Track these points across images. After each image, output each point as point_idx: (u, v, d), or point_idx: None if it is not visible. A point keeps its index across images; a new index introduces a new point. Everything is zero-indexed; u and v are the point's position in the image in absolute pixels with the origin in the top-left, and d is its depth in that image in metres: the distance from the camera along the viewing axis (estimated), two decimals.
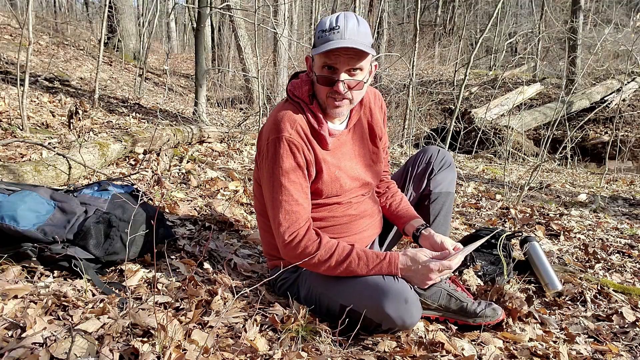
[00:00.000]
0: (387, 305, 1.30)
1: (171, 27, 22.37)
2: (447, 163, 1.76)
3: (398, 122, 8.26)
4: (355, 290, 1.36)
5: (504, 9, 17.78)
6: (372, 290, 1.34)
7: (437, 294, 1.48)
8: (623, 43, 7.82)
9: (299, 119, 1.43)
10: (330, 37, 1.34)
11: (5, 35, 7.87)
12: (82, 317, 1.20)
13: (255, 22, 4.52)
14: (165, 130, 3.48)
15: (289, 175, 1.41)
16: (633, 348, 1.51)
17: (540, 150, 5.47)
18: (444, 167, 1.75)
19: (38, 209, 1.47)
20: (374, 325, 1.36)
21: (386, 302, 1.30)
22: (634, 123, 10.20)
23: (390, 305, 1.30)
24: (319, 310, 1.45)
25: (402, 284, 1.35)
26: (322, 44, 1.34)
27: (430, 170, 1.75)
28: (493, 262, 1.94)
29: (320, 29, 1.36)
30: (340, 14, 1.38)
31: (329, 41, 1.33)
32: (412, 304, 1.32)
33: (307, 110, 1.44)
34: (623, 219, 3.40)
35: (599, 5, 21.37)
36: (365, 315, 1.31)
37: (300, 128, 1.42)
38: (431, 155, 1.76)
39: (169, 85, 8.10)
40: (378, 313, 1.31)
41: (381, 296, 1.31)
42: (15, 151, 2.71)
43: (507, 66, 12.84)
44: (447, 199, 1.74)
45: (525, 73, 13.66)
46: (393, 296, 1.31)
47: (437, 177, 1.73)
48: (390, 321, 1.31)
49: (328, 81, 1.39)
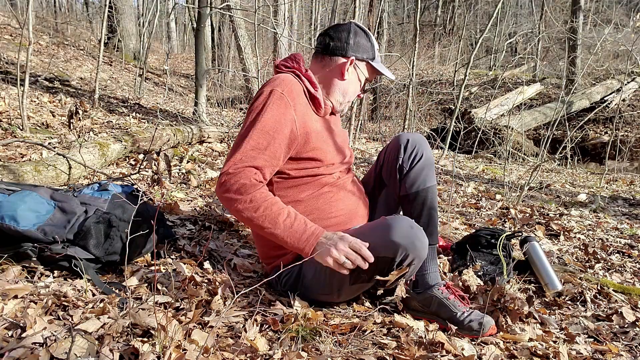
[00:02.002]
0: (395, 234, 1.33)
1: (171, 27, 22.37)
2: (419, 154, 1.60)
3: (398, 122, 8.27)
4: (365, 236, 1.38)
5: (504, 9, 17.78)
6: (377, 230, 1.39)
7: (428, 299, 1.53)
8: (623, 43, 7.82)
9: (295, 82, 1.52)
10: (379, 59, 1.64)
11: (5, 35, 7.87)
12: (82, 317, 1.20)
13: (255, 22, 4.52)
14: (165, 130, 3.48)
15: (265, 126, 1.42)
16: (633, 348, 1.51)
17: (540, 150, 5.47)
18: (415, 160, 1.60)
19: (38, 209, 1.47)
20: (388, 263, 1.35)
21: (393, 232, 1.34)
22: (634, 123, 10.20)
23: (398, 233, 1.33)
24: (329, 285, 1.46)
25: (400, 216, 1.43)
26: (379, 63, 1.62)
27: (399, 168, 1.62)
28: (493, 262, 1.94)
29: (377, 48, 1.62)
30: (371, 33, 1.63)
31: (381, 64, 1.63)
32: (418, 229, 1.37)
33: (303, 76, 1.55)
34: (623, 219, 3.40)
35: (599, 5, 21.37)
36: (378, 255, 1.33)
37: (295, 89, 1.49)
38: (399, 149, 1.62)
39: (169, 85, 8.10)
40: (389, 246, 1.33)
41: (387, 229, 1.35)
42: (15, 151, 2.71)
43: (507, 66, 12.84)
44: (427, 195, 1.60)
45: (525, 73, 13.66)
46: (398, 225, 1.35)
47: (410, 175, 1.60)
48: (402, 249, 1.32)
49: (364, 90, 1.68)
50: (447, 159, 5.80)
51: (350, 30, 1.57)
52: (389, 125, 8.62)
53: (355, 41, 1.57)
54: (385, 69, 1.63)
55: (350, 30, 1.57)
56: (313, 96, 1.55)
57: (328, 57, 1.58)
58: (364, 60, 1.59)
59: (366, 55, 1.59)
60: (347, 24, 1.60)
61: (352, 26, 1.59)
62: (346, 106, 1.67)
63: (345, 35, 1.57)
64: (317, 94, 1.55)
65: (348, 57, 1.56)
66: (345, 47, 1.56)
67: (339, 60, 1.57)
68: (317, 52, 1.61)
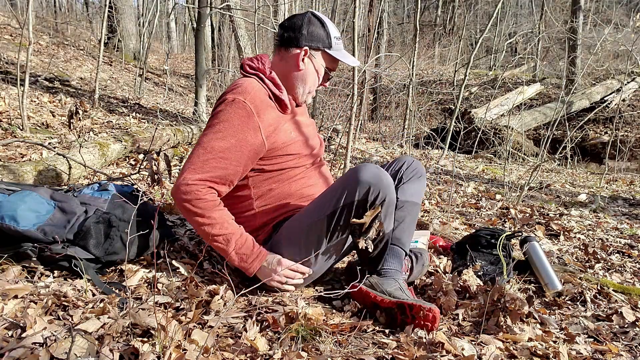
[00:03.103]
0: (363, 175, 1.42)
1: (171, 27, 22.36)
2: (418, 174, 1.76)
3: (398, 122, 8.27)
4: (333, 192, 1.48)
5: (504, 9, 17.78)
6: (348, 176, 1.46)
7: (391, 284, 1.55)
8: (623, 43, 7.82)
9: (258, 87, 1.53)
10: (340, 46, 1.62)
11: (5, 35, 7.87)
12: (82, 317, 1.20)
13: (255, 22, 4.52)
14: (165, 130, 3.48)
15: (226, 136, 1.45)
16: (633, 348, 1.51)
17: (540, 150, 5.47)
18: (414, 177, 1.74)
19: (38, 209, 1.47)
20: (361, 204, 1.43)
21: (361, 173, 1.43)
22: (634, 123, 10.20)
23: (366, 173, 1.42)
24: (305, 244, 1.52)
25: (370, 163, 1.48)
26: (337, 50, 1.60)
27: (399, 178, 1.74)
28: (493, 262, 1.94)
29: (335, 36, 1.59)
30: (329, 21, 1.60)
31: (341, 51, 1.61)
32: (384, 172, 1.46)
33: (266, 79, 1.56)
34: (623, 219, 3.40)
35: (599, 5, 21.37)
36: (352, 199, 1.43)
37: (258, 96, 1.50)
38: (403, 164, 1.77)
39: (169, 85, 8.10)
40: (359, 186, 1.42)
41: (356, 172, 1.44)
42: (15, 151, 2.71)
43: (507, 66, 12.84)
44: (413, 209, 1.71)
45: (525, 73, 13.66)
46: (365, 168, 1.44)
47: (405, 186, 1.73)
48: (372, 186, 1.42)
49: (327, 78, 1.67)
50: (447, 159, 5.80)
51: (304, 21, 1.56)
52: (389, 125, 8.62)
53: (308, 30, 1.55)
54: (346, 56, 1.62)
55: (304, 20, 1.56)
56: (278, 98, 1.56)
57: (284, 50, 1.60)
58: (319, 49, 1.58)
59: (321, 44, 1.57)
60: (303, 14, 1.59)
61: (307, 16, 1.57)
62: (308, 97, 1.67)
63: (299, 25, 1.56)
64: (281, 96, 1.56)
65: (301, 48, 1.56)
66: (299, 38, 1.55)
67: (294, 51, 1.58)
68: (275, 45, 1.64)
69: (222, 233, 1.47)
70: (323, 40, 1.57)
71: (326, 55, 1.60)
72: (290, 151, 1.59)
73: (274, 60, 1.63)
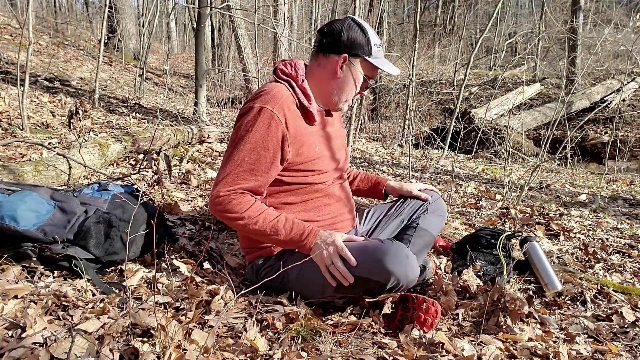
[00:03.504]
0: (389, 262, 1.35)
1: (171, 27, 22.36)
2: (441, 212, 1.83)
3: (398, 122, 8.27)
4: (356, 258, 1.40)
5: (504, 9, 17.78)
6: (372, 252, 1.39)
7: None
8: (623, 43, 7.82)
9: (287, 96, 1.48)
10: (381, 54, 1.55)
11: (5, 35, 7.87)
12: (82, 317, 1.20)
13: (255, 22, 4.52)
14: (165, 130, 3.48)
15: (256, 147, 1.43)
16: (633, 348, 1.51)
17: (540, 150, 5.47)
18: (437, 213, 1.82)
19: (38, 209, 1.47)
20: (378, 286, 1.39)
21: (388, 259, 1.36)
22: (634, 123, 10.20)
23: (393, 261, 1.36)
24: (311, 290, 1.48)
25: (398, 243, 1.42)
26: (377, 58, 1.53)
27: (424, 209, 1.81)
28: (493, 262, 1.94)
29: (375, 43, 1.52)
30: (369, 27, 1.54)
31: (381, 59, 1.54)
32: (412, 259, 1.40)
33: (297, 87, 1.52)
34: (623, 219, 3.40)
35: (599, 5, 21.36)
36: (370, 277, 1.37)
37: (286, 104, 1.46)
38: (432, 197, 1.85)
39: (169, 85, 8.10)
40: (382, 272, 1.36)
41: (383, 255, 1.36)
42: (15, 151, 2.71)
43: (507, 66, 12.84)
44: (429, 239, 1.77)
45: (525, 73, 13.66)
46: (394, 253, 1.37)
47: (428, 217, 1.78)
48: (394, 277, 1.36)
49: (365, 87, 1.60)
50: (447, 159, 5.80)
51: (343, 26, 1.50)
52: (389, 125, 8.62)
53: (348, 37, 1.49)
54: (387, 64, 1.56)
55: (344, 26, 1.50)
56: (306, 109, 1.52)
57: (322, 56, 1.53)
58: (359, 56, 1.51)
59: (361, 52, 1.50)
60: (343, 19, 1.53)
61: (347, 22, 1.51)
62: (345, 105, 1.62)
63: (338, 31, 1.50)
64: (310, 107, 1.52)
65: (340, 55, 1.50)
66: (338, 44, 1.49)
67: (332, 58, 1.51)
68: (314, 50, 1.58)
69: (267, 226, 1.44)
70: (363, 48, 1.50)
71: (366, 62, 1.52)
72: (313, 167, 1.55)
73: (311, 66, 1.57)
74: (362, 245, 1.43)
